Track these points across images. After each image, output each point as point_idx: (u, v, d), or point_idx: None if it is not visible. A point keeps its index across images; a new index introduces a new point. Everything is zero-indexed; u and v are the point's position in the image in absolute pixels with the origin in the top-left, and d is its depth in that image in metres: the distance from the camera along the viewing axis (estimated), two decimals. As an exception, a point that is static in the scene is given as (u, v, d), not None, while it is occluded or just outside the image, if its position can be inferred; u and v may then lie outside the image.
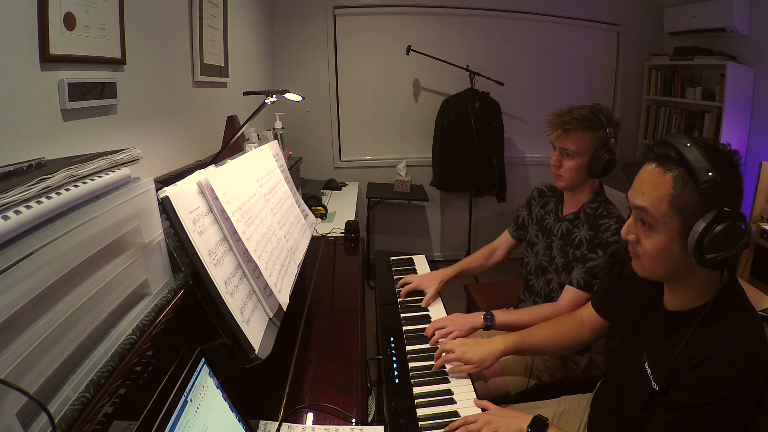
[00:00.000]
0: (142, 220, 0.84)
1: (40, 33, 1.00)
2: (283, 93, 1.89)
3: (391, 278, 1.67)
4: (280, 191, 1.40)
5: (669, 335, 0.86)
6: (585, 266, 1.35)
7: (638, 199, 0.83)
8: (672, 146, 0.79)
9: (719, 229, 0.74)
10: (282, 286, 1.07)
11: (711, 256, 0.75)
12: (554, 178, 1.44)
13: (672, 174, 0.79)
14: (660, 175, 0.80)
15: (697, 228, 0.76)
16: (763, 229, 2.64)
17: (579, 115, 1.34)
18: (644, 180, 0.83)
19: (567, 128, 1.34)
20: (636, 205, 0.84)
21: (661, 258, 0.83)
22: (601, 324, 1.17)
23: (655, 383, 0.85)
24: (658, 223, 0.81)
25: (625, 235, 0.88)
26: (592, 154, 1.35)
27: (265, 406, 0.97)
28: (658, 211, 0.80)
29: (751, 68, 3.09)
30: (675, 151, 0.79)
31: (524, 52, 3.66)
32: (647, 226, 0.83)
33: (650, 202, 0.81)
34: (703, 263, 0.77)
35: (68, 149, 1.06)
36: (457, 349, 1.17)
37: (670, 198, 0.79)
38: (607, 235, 1.32)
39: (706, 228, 0.75)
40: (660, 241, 0.82)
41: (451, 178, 3.52)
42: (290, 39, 3.46)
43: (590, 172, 1.36)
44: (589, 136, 1.34)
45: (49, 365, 0.59)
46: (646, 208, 0.82)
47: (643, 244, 0.85)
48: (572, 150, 1.35)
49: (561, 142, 1.37)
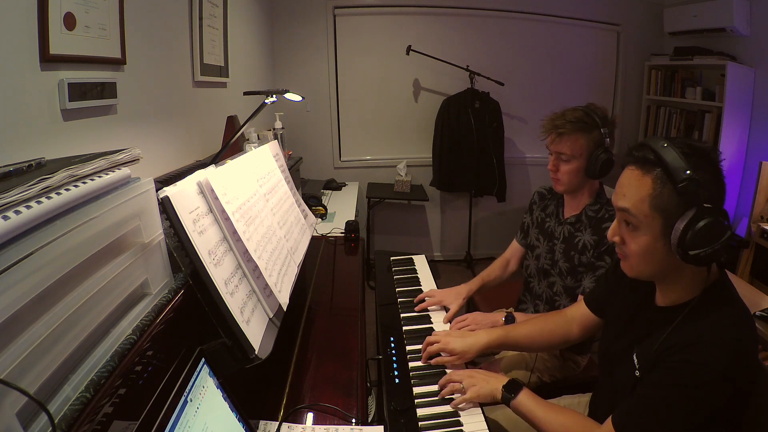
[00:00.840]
0: (142, 220, 0.84)
1: (40, 33, 1.00)
2: (283, 93, 1.89)
3: (391, 278, 1.67)
4: (280, 191, 1.40)
5: (658, 329, 0.88)
6: (595, 274, 1.35)
7: (621, 201, 0.85)
8: (650, 148, 0.81)
9: (700, 225, 0.76)
10: (282, 286, 1.07)
11: (694, 253, 0.77)
12: (553, 183, 1.44)
13: (651, 175, 0.81)
14: (640, 177, 0.82)
15: (678, 226, 0.78)
16: (763, 229, 2.64)
17: (572, 117, 1.33)
18: (625, 183, 0.85)
19: (560, 132, 1.34)
20: (619, 207, 0.86)
21: (647, 258, 0.85)
22: (594, 321, 1.18)
23: (639, 371, 0.87)
24: (642, 223, 0.83)
25: (611, 237, 0.90)
26: (588, 155, 1.34)
27: (265, 406, 0.97)
28: (641, 212, 0.82)
29: (751, 68, 3.09)
30: (653, 152, 0.80)
31: (524, 52, 3.66)
32: (631, 227, 0.85)
33: (632, 204, 0.83)
34: (687, 260, 0.78)
35: (68, 149, 1.06)
36: (442, 339, 1.20)
37: (651, 198, 0.81)
38: None
39: (687, 225, 0.77)
40: (644, 241, 0.84)
41: (451, 178, 3.52)
42: (290, 39, 3.46)
43: (588, 174, 1.36)
44: (583, 138, 1.33)
45: (49, 365, 0.59)
46: (628, 210, 0.83)
47: (629, 246, 0.87)
48: (567, 153, 1.35)
49: (556, 146, 1.37)
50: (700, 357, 0.77)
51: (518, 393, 1.03)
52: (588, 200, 1.42)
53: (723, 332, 0.78)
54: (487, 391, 1.05)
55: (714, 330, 0.79)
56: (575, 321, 1.22)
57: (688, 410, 0.78)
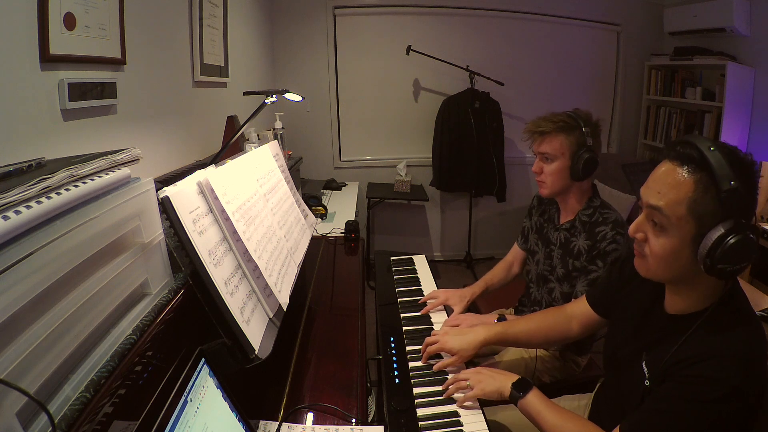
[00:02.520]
0: (142, 220, 0.84)
1: (40, 33, 1.00)
2: (283, 93, 1.89)
3: (391, 278, 1.67)
4: (280, 191, 1.40)
5: (669, 337, 0.86)
6: (587, 278, 1.35)
7: (653, 198, 0.80)
8: (696, 147, 0.76)
9: (733, 240, 0.72)
10: (282, 286, 1.07)
11: (721, 267, 0.74)
12: (538, 187, 1.44)
13: (694, 177, 0.76)
14: (681, 177, 0.77)
15: (711, 236, 0.74)
16: (763, 229, 2.64)
17: (554, 119, 1.35)
18: (662, 179, 0.80)
19: (542, 131, 1.36)
20: (650, 204, 0.80)
21: (669, 261, 0.81)
22: (595, 319, 1.17)
23: (648, 381, 0.85)
24: (672, 225, 0.78)
25: (633, 233, 0.85)
26: (571, 155, 1.34)
27: (265, 406, 0.97)
28: (674, 214, 0.77)
29: (751, 68, 3.09)
30: (698, 153, 0.75)
31: (524, 52, 3.66)
32: (658, 227, 0.80)
33: (666, 203, 0.78)
34: (711, 272, 0.75)
35: (68, 149, 1.06)
36: (440, 339, 1.20)
37: (690, 202, 0.76)
38: (604, 244, 1.32)
39: (721, 237, 0.73)
40: (670, 244, 0.79)
41: (451, 178, 3.52)
42: (290, 39, 3.46)
43: (572, 175, 1.36)
44: (564, 138, 1.34)
45: (49, 365, 0.59)
46: (661, 209, 0.78)
47: (651, 245, 0.82)
48: (549, 153, 1.36)
49: (538, 147, 1.38)
50: (713, 372, 0.75)
51: (528, 392, 1.01)
52: (580, 205, 1.42)
53: (736, 347, 0.76)
54: (494, 387, 1.04)
55: (727, 344, 0.76)
56: (575, 318, 1.21)
57: (699, 425, 0.76)
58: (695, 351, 0.78)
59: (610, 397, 1.07)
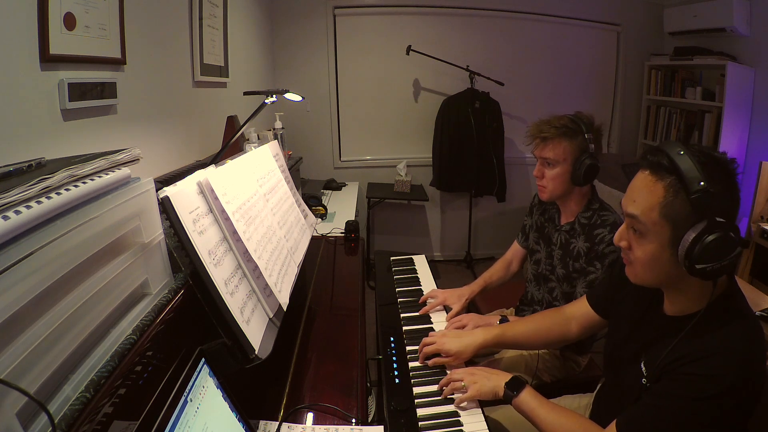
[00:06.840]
0: (142, 220, 0.84)
1: (40, 33, 1.00)
2: (283, 93, 1.89)
3: (391, 278, 1.67)
4: (280, 191, 1.40)
5: (666, 338, 0.86)
6: (586, 280, 1.35)
7: (630, 207, 0.83)
8: (665, 154, 0.79)
9: (710, 239, 0.74)
10: (282, 286, 1.07)
11: (701, 267, 0.75)
12: (538, 191, 1.44)
13: (664, 182, 0.79)
14: (652, 183, 0.80)
15: (687, 238, 0.76)
16: (763, 229, 2.64)
17: (557, 123, 1.34)
18: (636, 187, 0.83)
19: (545, 136, 1.35)
20: (628, 213, 0.84)
21: (652, 266, 0.84)
22: (595, 320, 1.17)
23: (646, 380, 0.86)
24: (649, 231, 0.81)
25: (618, 241, 0.89)
26: (573, 161, 1.34)
27: (265, 406, 0.97)
28: (649, 220, 0.80)
29: (751, 68, 3.09)
30: (668, 159, 0.78)
31: (524, 52, 3.66)
32: (638, 234, 0.83)
33: (641, 210, 0.81)
34: (693, 273, 0.77)
35: (68, 149, 1.06)
36: (438, 340, 1.20)
37: (661, 207, 0.79)
38: (602, 246, 1.32)
39: (696, 238, 0.75)
40: (651, 249, 0.82)
41: (451, 178, 3.52)
42: (290, 39, 3.46)
43: (573, 180, 1.36)
44: (567, 143, 1.34)
45: (49, 365, 0.59)
46: (637, 216, 0.82)
47: (635, 252, 0.85)
48: (551, 158, 1.35)
49: (540, 151, 1.38)
50: (708, 370, 0.76)
51: (521, 391, 1.02)
52: (579, 208, 1.42)
53: (732, 346, 0.77)
54: (489, 388, 1.05)
55: (723, 343, 0.77)
56: (575, 319, 1.21)
57: (693, 422, 0.77)
58: (691, 349, 0.79)
59: (610, 397, 1.07)
